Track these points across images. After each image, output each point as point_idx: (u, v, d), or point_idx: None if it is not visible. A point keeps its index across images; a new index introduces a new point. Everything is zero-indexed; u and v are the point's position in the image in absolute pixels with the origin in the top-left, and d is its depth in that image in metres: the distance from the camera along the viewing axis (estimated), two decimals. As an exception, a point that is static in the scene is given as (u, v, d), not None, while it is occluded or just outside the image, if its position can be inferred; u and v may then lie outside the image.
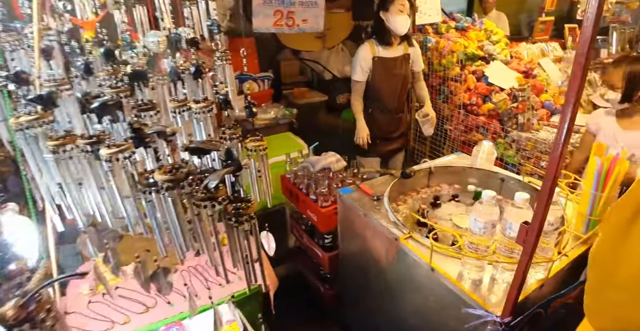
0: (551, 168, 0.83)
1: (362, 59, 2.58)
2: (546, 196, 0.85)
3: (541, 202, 0.87)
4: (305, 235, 2.29)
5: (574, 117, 0.77)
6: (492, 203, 1.10)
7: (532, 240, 0.92)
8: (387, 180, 1.88)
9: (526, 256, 0.95)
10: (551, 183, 0.83)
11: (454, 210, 1.74)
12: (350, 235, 1.82)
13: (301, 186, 2.14)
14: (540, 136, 2.79)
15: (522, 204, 1.08)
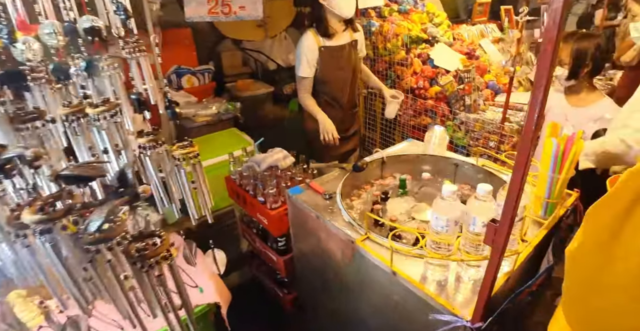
0: (520, 161, 0.72)
1: (307, 50, 2.29)
2: (516, 191, 0.75)
3: (510, 198, 0.76)
4: (258, 238, 2.12)
5: (544, 104, 0.66)
6: (453, 198, 0.99)
7: (502, 240, 0.82)
8: (339, 175, 1.75)
9: (496, 257, 0.85)
10: (522, 176, 0.72)
11: (401, 204, 1.65)
12: (304, 237, 1.67)
13: (247, 187, 1.96)
14: (487, 116, 2.79)
15: (485, 197, 0.98)
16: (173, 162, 0.97)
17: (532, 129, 0.68)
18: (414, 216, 1.54)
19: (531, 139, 0.69)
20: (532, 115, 0.67)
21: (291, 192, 1.57)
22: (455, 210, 0.98)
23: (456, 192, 0.98)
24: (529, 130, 0.69)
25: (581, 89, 2.01)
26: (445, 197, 0.99)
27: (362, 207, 1.62)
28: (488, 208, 0.98)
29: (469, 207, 1.01)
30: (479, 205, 0.99)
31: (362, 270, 1.31)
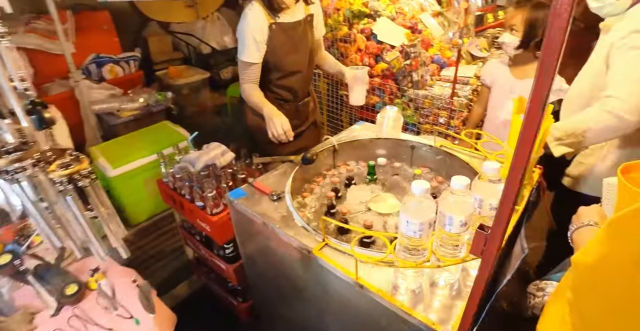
0: (518, 162, 0.55)
1: (254, 28, 1.73)
2: (512, 196, 0.58)
3: (506, 203, 0.60)
4: (202, 246, 1.86)
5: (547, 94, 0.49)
6: (426, 197, 0.82)
7: (494, 251, 0.66)
8: (287, 169, 1.53)
9: (486, 270, 0.69)
10: (520, 178, 0.56)
11: (365, 192, 1.48)
12: (252, 246, 1.46)
13: (183, 191, 1.69)
14: (436, 92, 2.69)
15: (463, 192, 0.82)
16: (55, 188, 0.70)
17: (534, 128, 0.51)
18: (370, 206, 1.39)
19: (532, 140, 0.53)
20: (536, 112, 0.50)
21: (232, 196, 1.33)
22: (429, 211, 0.82)
23: (429, 190, 0.81)
24: (530, 129, 0.52)
25: (526, 61, 1.95)
26: (417, 195, 0.81)
27: (317, 205, 1.43)
28: (466, 205, 0.83)
29: (443, 205, 0.85)
30: (455, 202, 0.83)
31: (322, 280, 1.13)
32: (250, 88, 1.86)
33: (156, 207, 2.62)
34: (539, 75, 0.50)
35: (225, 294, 1.98)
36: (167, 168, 1.76)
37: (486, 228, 0.66)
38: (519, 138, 0.54)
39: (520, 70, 2.00)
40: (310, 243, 1.12)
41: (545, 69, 0.49)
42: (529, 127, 0.53)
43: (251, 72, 1.84)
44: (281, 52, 1.84)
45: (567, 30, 0.46)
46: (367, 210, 1.38)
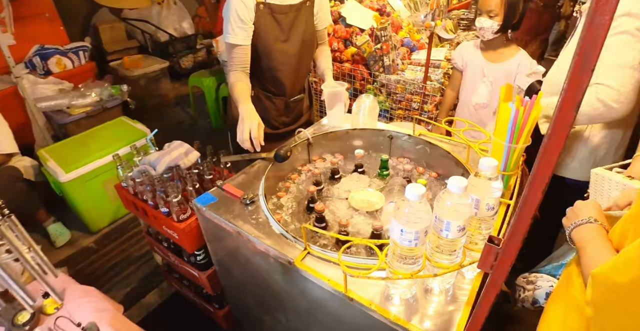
0: (543, 169, 0.46)
1: (239, 5, 1.49)
2: (532, 208, 0.49)
3: (523, 215, 0.51)
4: (171, 253, 1.72)
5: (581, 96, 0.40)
6: (422, 202, 0.73)
7: (506, 266, 0.58)
8: (258, 168, 1.41)
9: (495, 287, 0.61)
10: (543, 188, 0.47)
11: (352, 185, 1.39)
12: (226, 255, 1.34)
13: (145, 196, 1.53)
14: (408, 77, 2.61)
15: (460, 197, 0.74)
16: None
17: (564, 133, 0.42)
18: (350, 203, 1.30)
19: (560, 146, 0.44)
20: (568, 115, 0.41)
21: (200, 203, 1.20)
22: (425, 219, 0.73)
23: (424, 194, 0.71)
24: (559, 135, 0.43)
25: (498, 44, 1.92)
26: (412, 202, 0.72)
27: (294, 205, 1.32)
28: (464, 209, 0.74)
29: (439, 210, 0.76)
30: (453, 206, 0.74)
31: (307, 292, 1.03)
32: (234, 77, 1.57)
33: (118, 210, 2.43)
34: (573, 76, 0.40)
35: (200, 301, 1.86)
36: (125, 172, 1.59)
37: (497, 241, 0.58)
38: (544, 145, 0.45)
39: (492, 53, 1.96)
40: (291, 253, 1.01)
41: (581, 69, 0.39)
42: (558, 132, 0.44)
43: (237, 57, 1.55)
44: (267, 38, 1.57)
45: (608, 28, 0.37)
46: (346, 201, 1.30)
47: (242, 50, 1.55)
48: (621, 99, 1.19)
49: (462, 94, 2.17)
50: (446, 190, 0.76)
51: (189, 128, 3.86)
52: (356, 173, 1.46)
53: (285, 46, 1.62)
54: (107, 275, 2.10)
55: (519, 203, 0.51)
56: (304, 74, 1.83)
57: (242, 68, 1.58)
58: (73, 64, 3.62)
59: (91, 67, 3.76)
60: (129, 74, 3.89)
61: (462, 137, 1.38)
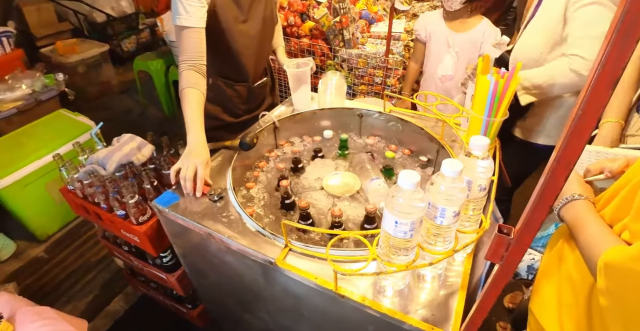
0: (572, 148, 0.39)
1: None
2: (553, 195, 0.44)
3: (543, 202, 0.45)
4: (133, 257, 1.58)
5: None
6: (416, 191, 0.66)
7: (518, 257, 0.52)
8: (223, 158, 1.29)
9: (504, 279, 0.56)
10: (566, 175, 0.41)
11: (318, 172, 1.31)
12: (198, 259, 1.23)
13: (97, 199, 1.36)
14: (369, 50, 2.52)
15: (455, 181, 0.67)
16: None
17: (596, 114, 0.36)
18: (323, 187, 1.23)
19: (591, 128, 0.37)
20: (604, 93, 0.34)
21: (160, 204, 1.07)
22: (421, 208, 0.66)
23: (418, 182, 0.64)
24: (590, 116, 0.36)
25: (462, 13, 1.88)
26: (405, 192, 0.65)
27: (265, 196, 1.22)
28: (459, 194, 0.69)
29: (433, 196, 0.70)
30: (447, 192, 0.68)
31: (293, 291, 0.96)
32: (186, 79, 1.22)
33: (67, 214, 2.21)
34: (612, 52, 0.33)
35: (170, 302, 1.74)
36: (69, 173, 1.41)
37: (508, 231, 0.52)
38: (573, 126, 0.39)
39: (456, 23, 1.92)
40: (270, 251, 0.93)
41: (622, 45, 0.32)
42: (589, 114, 0.37)
43: (191, 43, 1.24)
44: (226, 19, 1.35)
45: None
46: (322, 188, 1.22)
47: (196, 34, 1.25)
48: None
49: (427, 66, 2.12)
50: (439, 174, 0.69)
51: (139, 117, 3.58)
52: (318, 159, 1.38)
53: (245, 27, 1.42)
54: (63, 286, 1.91)
55: (538, 191, 0.45)
56: (267, 55, 1.66)
57: (196, 61, 1.25)
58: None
59: (18, 55, 3.34)
60: (64, 60, 3.51)
61: (435, 112, 1.33)
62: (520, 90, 1.32)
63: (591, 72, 0.37)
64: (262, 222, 1.12)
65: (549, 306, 0.84)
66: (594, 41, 1.21)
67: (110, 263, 2.03)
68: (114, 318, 1.78)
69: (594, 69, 0.36)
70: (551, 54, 1.36)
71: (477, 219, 0.88)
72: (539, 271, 0.93)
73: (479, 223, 0.89)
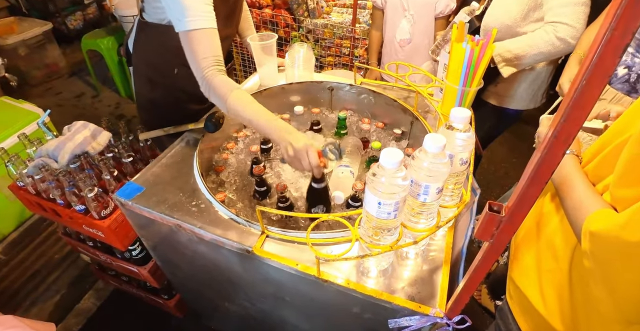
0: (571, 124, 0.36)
1: None
2: (547, 175, 0.40)
3: (538, 178, 0.42)
4: (100, 252, 1.49)
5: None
6: (399, 170, 0.62)
7: (508, 236, 0.50)
8: (187, 142, 1.21)
9: (493, 257, 0.54)
10: (563, 151, 0.38)
11: None
12: (169, 251, 1.16)
13: (52, 195, 1.25)
14: (335, 20, 2.42)
15: (438, 156, 0.64)
16: None
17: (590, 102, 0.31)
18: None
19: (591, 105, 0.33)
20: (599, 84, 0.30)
21: (122, 197, 0.99)
22: (404, 187, 0.62)
23: (402, 161, 0.60)
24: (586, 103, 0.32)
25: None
26: (387, 171, 0.61)
27: (237, 180, 1.16)
28: (442, 169, 0.65)
29: (416, 173, 0.66)
30: (431, 168, 0.65)
31: (273, 278, 0.92)
32: (222, 84, 1.01)
33: (23, 211, 2.05)
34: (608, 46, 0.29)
35: (145, 294, 1.68)
36: (17, 169, 1.28)
37: (498, 208, 0.49)
38: (575, 98, 0.35)
39: None
40: (247, 239, 0.88)
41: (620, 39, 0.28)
42: (593, 83, 0.33)
43: (210, 47, 1.01)
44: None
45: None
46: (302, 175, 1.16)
47: (214, 35, 1.02)
48: (577, 35, 1.24)
49: (386, 32, 2.06)
50: (421, 149, 0.65)
51: (92, 101, 3.34)
52: (310, 132, 1.32)
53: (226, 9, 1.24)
54: (26, 288, 1.79)
55: (533, 167, 0.42)
56: (231, 40, 1.46)
57: (218, 63, 1.03)
58: None
59: (-55, 37, 3.00)
60: (1, 42, 3.18)
61: (408, 83, 1.28)
62: (502, 62, 1.31)
63: (597, 36, 0.33)
64: (236, 208, 1.06)
65: (529, 272, 0.85)
66: (577, 7, 1.21)
67: (76, 259, 1.92)
68: (86, 316, 1.70)
69: (600, 34, 0.32)
70: (525, 20, 1.34)
71: (459, 193, 0.86)
72: (518, 238, 0.94)
73: (460, 197, 0.88)
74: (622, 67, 1.09)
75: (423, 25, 1.89)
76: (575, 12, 1.21)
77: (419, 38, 1.92)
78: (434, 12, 1.85)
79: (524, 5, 1.29)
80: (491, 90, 1.55)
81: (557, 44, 1.25)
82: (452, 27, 1.73)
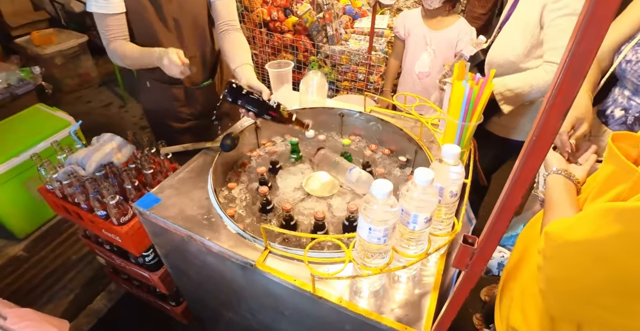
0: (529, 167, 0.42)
1: None
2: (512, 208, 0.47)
3: (503, 215, 0.48)
4: (115, 256, 1.58)
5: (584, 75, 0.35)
6: (390, 201, 0.68)
7: (481, 264, 0.56)
8: (204, 159, 1.30)
9: (470, 283, 0.60)
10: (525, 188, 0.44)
11: (296, 175, 1.33)
12: (180, 259, 1.24)
13: (77, 199, 1.36)
14: (352, 47, 2.53)
15: (427, 189, 0.70)
16: None
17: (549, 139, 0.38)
18: (308, 192, 1.24)
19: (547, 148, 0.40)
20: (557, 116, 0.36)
21: (141, 206, 1.08)
22: (394, 214, 0.69)
23: (391, 192, 0.67)
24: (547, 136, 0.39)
25: (441, 12, 1.92)
26: (379, 201, 0.67)
27: (247, 197, 1.24)
28: (430, 200, 0.72)
29: (406, 203, 0.72)
30: (420, 199, 0.71)
31: (273, 291, 0.98)
32: (120, 46, 1.30)
33: (47, 211, 2.18)
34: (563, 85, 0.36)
35: (154, 300, 1.75)
36: (48, 173, 1.39)
37: (472, 241, 0.55)
38: (526, 151, 0.42)
39: (434, 22, 1.96)
40: (251, 254, 0.95)
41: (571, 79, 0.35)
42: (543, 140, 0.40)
43: (112, 27, 1.29)
44: (138, 11, 1.32)
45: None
46: (307, 196, 1.23)
47: (116, 20, 1.29)
48: None
49: (406, 63, 2.16)
50: (412, 182, 0.72)
51: (119, 111, 3.52)
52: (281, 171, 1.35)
53: (162, 21, 1.37)
54: (43, 285, 1.90)
55: (499, 205, 0.48)
56: (212, 56, 1.56)
57: (123, 36, 1.31)
58: (-35, 43, 3.09)
59: (-9, 46, 3.24)
60: (40, 52, 3.40)
61: (414, 114, 1.35)
62: (502, 100, 1.38)
63: (544, 101, 0.39)
64: (244, 223, 1.13)
65: (515, 298, 0.89)
66: None
67: (92, 260, 2.02)
68: (97, 317, 1.79)
69: (546, 99, 0.39)
70: (528, 57, 1.40)
71: (450, 222, 0.92)
72: (509, 266, 0.98)
73: (452, 226, 0.93)
74: (619, 109, 1.14)
75: (443, 60, 1.98)
76: None
77: (438, 72, 2.00)
78: (455, 49, 1.94)
79: (527, 43, 1.36)
80: (495, 121, 1.61)
81: (548, 81, 1.31)
82: (460, 58, 1.83)
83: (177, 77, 1.21)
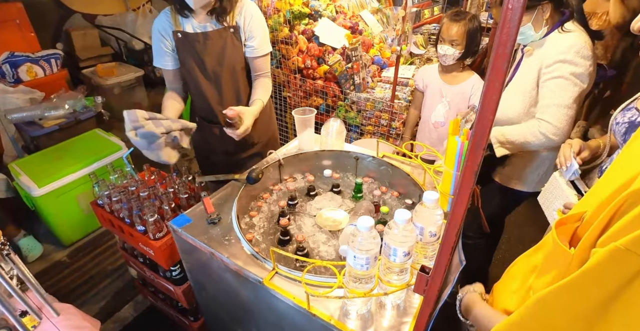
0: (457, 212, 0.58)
1: (156, 34, 1.65)
2: (450, 243, 0.62)
3: (444, 249, 0.63)
4: (147, 268, 1.78)
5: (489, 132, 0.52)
6: (371, 234, 0.84)
7: (434, 291, 0.70)
8: (231, 189, 1.50)
9: (428, 307, 0.74)
10: (457, 229, 0.60)
11: (322, 203, 1.50)
12: (201, 273, 1.42)
13: (122, 214, 1.59)
14: (377, 95, 2.76)
15: (405, 227, 0.86)
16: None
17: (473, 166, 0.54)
18: (317, 222, 1.40)
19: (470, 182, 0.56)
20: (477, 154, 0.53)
21: (175, 225, 1.28)
22: (374, 245, 0.85)
23: (373, 226, 0.83)
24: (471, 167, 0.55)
25: (455, 68, 2.10)
26: (362, 233, 0.84)
27: (265, 225, 1.42)
28: (408, 237, 0.87)
29: (388, 238, 0.88)
30: (399, 235, 0.87)
31: (275, 307, 1.13)
32: (167, 96, 1.76)
33: (91, 223, 2.45)
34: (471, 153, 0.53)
35: (175, 314, 1.92)
36: (101, 190, 1.64)
37: (428, 270, 0.70)
38: (455, 198, 0.58)
39: (449, 76, 2.15)
40: (260, 272, 1.11)
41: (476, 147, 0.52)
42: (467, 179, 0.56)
43: (166, 79, 1.78)
44: (187, 65, 1.69)
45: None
46: (319, 229, 1.40)
47: (168, 74, 1.75)
48: (558, 133, 1.44)
49: (423, 113, 2.34)
50: (393, 221, 0.88)
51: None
52: (331, 193, 1.57)
53: (203, 73, 1.72)
54: (80, 289, 2.12)
55: (440, 245, 0.63)
56: (236, 101, 1.81)
57: (173, 88, 1.78)
58: (44, 71, 3.57)
59: (63, 75, 3.72)
60: (102, 82, 3.87)
61: (419, 162, 1.52)
62: (496, 143, 1.54)
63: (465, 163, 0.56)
64: (259, 247, 1.31)
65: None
66: (559, 109, 1.43)
67: (125, 272, 2.23)
68: (123, 324, 1.97)
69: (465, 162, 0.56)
70: (527, 115, 1.56)
71: (432, 257, 1.05)
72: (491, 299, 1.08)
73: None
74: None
75: (456, 111, 2.15)
76: (558, 113, 1.42)
77: None
78: (468, 102, 2.12)
79: (525, 102, 1.53)
80: (500, 171, 1.74)
81: (540, 137, 1.46)
82: (472, 109, 1.99)
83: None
